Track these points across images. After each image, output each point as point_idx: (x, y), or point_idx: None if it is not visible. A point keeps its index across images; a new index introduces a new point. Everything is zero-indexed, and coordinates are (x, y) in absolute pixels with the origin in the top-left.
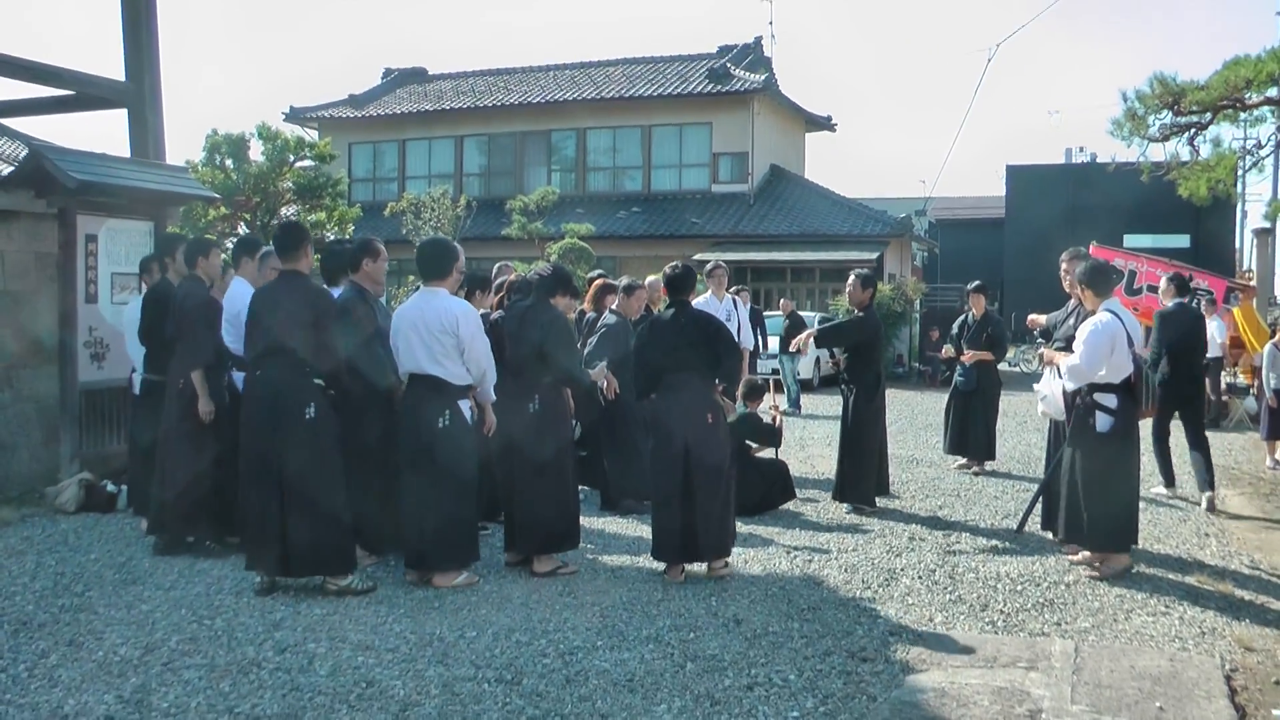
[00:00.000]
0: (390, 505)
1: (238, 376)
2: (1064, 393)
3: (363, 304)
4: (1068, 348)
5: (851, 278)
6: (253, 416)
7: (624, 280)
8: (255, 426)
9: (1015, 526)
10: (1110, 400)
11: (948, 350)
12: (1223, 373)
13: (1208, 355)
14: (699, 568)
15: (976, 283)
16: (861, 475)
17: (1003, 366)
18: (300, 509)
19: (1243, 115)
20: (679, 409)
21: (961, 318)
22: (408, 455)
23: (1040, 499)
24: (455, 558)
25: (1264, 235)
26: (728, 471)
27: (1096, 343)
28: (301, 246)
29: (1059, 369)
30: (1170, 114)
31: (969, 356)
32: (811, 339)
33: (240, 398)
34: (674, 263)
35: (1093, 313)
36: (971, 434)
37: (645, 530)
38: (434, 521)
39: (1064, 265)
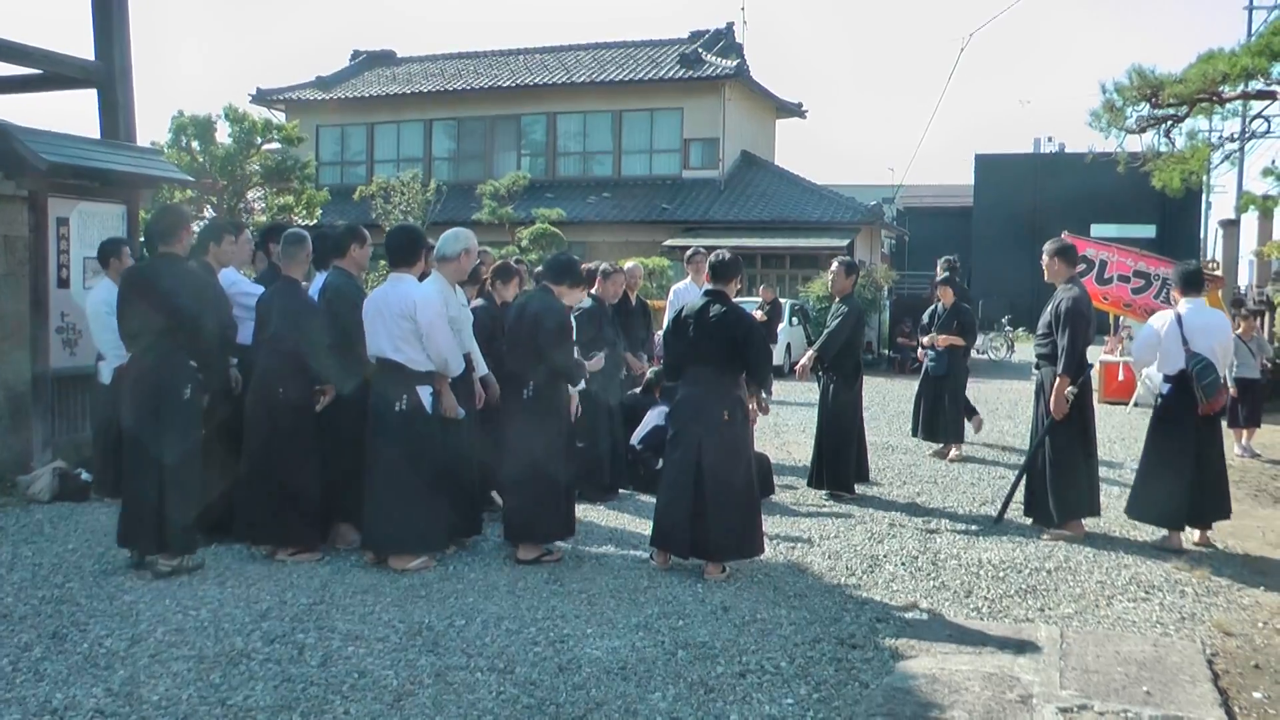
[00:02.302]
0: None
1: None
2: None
3: (356, 293)
4: (1047, 333)
5: (835, 265)
6: (133, 397)
7: (602, 265)
8: (135, 407)
9: (996, 516)
10: (1165, 388)
11: (930, 338)
12: None
13: None
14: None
15: (945, 275)
16: (842, 462)
17: (970, 353)
18: (174, 488)
19: (1218, 109)
20: (697, 403)
21: (932, 307)
22: (370, 438)
23: (1023, 487)
24: (408, 542)
25: (1230, 227)
26: (745, 471)
27: (1143, 336)
28: (178, 230)
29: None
30: (1148, 106)
31: (942, 341)
32: (813, 359)
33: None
34: (721, 250)
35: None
36: (941, 418)
37: (625, 519)
38: (389, 504)
39: (1045, 256)
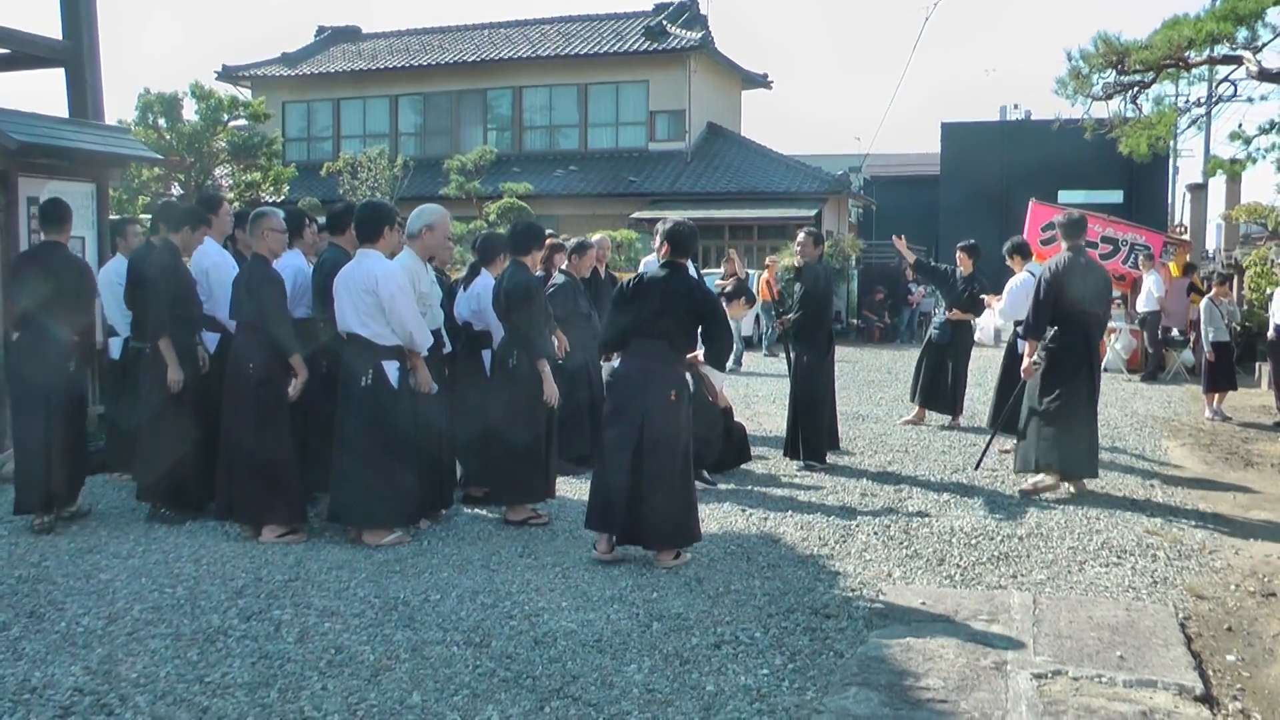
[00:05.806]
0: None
1: (209, 338)
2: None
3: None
4: None
5: (802, 235)
6: (26, 371)
7: (574, 240)
8: (27, 379)
9: (974, 468)
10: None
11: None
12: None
13: (1144, 309)
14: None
15: (970, 241)
16: (814, 432)
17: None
18: (60, 450)
19: (1184, 75)
20: (643, 378)
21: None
22: (338, 411)
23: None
24: (374, 514)
25: (1197, 191)
26: (685, 456)
27: (1018, 292)
28: (66, 221)
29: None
30: (1114, 73)
31: (954, 315)
32: (789, 323)
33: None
34: (681, 220)
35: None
36: (941, 387)
37: None
38: (355, 477)
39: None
